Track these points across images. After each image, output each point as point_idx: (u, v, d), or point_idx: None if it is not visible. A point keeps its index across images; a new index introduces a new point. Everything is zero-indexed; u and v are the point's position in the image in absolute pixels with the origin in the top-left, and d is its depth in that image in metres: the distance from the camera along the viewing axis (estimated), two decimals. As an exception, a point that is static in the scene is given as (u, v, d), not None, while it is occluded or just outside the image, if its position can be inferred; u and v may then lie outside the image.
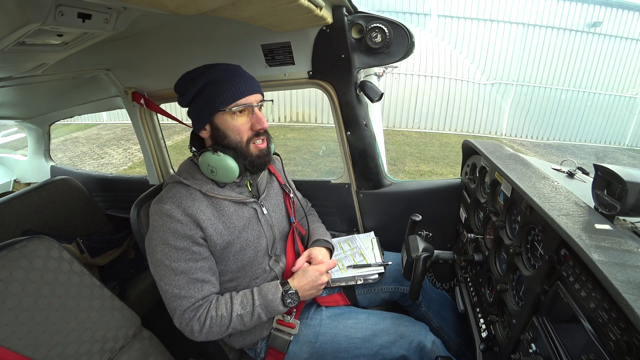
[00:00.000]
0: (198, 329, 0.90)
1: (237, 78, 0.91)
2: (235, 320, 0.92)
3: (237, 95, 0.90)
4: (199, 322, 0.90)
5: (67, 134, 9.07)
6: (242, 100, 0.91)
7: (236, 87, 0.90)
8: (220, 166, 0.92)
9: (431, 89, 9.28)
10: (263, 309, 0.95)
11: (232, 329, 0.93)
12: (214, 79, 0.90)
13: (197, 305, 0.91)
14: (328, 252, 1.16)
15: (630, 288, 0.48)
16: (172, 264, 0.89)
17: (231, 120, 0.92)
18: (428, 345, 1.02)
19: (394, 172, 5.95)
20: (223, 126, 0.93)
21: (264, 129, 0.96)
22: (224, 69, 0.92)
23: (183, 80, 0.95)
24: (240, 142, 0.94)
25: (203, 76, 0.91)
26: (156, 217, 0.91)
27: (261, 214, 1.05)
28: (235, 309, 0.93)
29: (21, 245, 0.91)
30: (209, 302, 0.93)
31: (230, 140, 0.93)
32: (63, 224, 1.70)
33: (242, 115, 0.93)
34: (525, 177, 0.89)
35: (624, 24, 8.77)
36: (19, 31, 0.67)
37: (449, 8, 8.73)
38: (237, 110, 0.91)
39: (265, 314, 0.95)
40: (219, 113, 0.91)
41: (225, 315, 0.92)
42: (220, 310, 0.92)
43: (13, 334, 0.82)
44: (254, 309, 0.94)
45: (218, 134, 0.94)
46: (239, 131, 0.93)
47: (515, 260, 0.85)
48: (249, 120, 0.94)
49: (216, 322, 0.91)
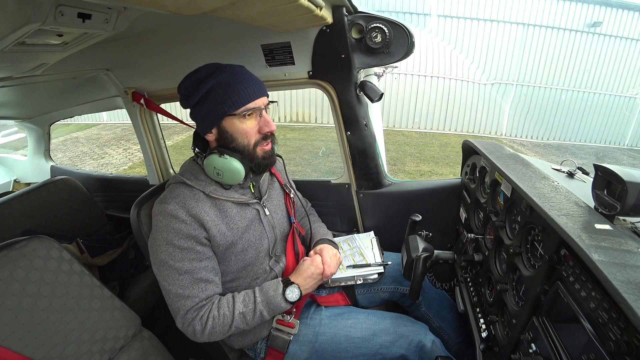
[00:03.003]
0: (200, 329, 0.90)
1: (245, 81, 0.90)
2: (237, 319, 0.92)
3: (246, 99, 0.89)
4: (201, 322, 0.90)
5: (67, 134, 9.07)
6: (251, 104, 0.90)
7: (245, 90, 0.89)
8: (227, 169, 0.91)
9: (431, 89, 9.27)
10: (265, 305, 0.94)
11: (234, 327, 0.92)
12: (222, 82, 0.89)
13: (200, 305, 0.91)
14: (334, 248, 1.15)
15: (630, 288, 0.48)
16: (176, 264, 0.89)
17: (240, 124, 0.91)
18: (428, 345, 1.02)
19: (394, 172, 5.95)
20: (231, 130, 0.92)
21: (272, 131, 0.96)
22: (230, 71, 0.90)
23: (188, 81, 0.92)
24: (247, 145, 0.93)
25: (210, 78, 0.89)
26: (160, 218, 0.90)
27: (263, 215, 1.05)
28: (238, 307, 0.93)
29: (21, 245, 0.91)
30: (212, 302, 0.93)
31: (238, 144, 0.93)
32: (63, 224, 1.70)
33: (251, 118, 0.92)
34: (525, 177, 0.89)
35: (624, 24, 8.76)
36: (19, 31, 0.67)
37: (449, 8, 8.72)
38: (246, 114, 0.90)
39: (267, 311, 0.95)
40: (227, 117, 0.90)
41: (228, 314, 0.91)
42: (223, 310, 0.92)
43: (13, 334, 0.82)
44: (255, 306, 0.94)
45: (226, 137, 0.93)
46: (247, 135, 0.93)
47: (515, 260, 0.85)
48: (257, 124, 0.93)
49: (219, 321, 0.90)
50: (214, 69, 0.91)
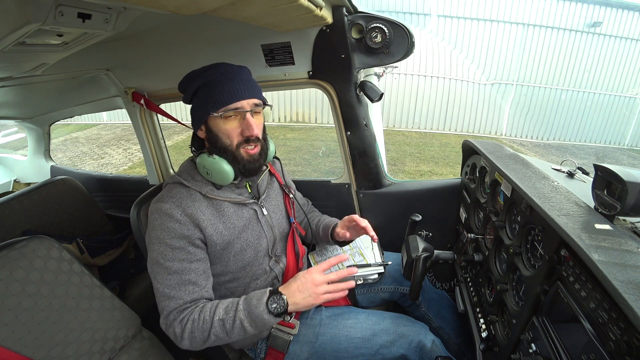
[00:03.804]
0: (180, 332, 0.86)
1: (232, 82, 0.89)
2: (216, 325, 0.85)
3: (228, 100, 0.88)
4: (180, 325, 0.86)
5: (67, 134, 9.07)
6: (232, 105, 0.89)
7: (228, 91, 0.88)
8: (215, 169, 0.92)
9: (431, 89, 9.27)
10: (246, 315, 0.84)
11: (213, 335, 0.85)
12: (209, 81, 0.90)
13: (183, 308, 0.88)
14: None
15: (630, 288, 0.48)
16: (166, 263, 0.88)
17: (222, 125, 0.91)
18: (428, 345, 1.02)
19: (394, 172, 5.95)
20: (215, 129, 0.92)
21: (254, 136, 0.93)
22: (222, 72, 0.91)
23: (185, 78, 0.96)
24: (230, 145, 0.93)
25: (200, 77, 0.91)
26: (155, 216, 0.91)
27: (261, 214, 1.05)
28: (219, 312, 0.86)
29: (21, 245, 0.91)
30: (196, 306, 0.89)
31: (222, 143, 0.93)
32: (63, 224, 1.70)
33: (233, 120, 0.91)
34: (525, 177, 0.89)
35: (624, 24, 8.77)
36: (19, 31, 0.67)
37: (449, 8, 8.72)
38: (226, 115, 0.90)
39: (248, 321, 0.84)
40: (210, 116, 0.91)
41: (207, 319, 0.85)
42: (203, 314, 0.86)
43: (13, 334, 0.82)
44: (236, 314, 0.85)
45: (211, 136, 0.94)
46: (229, 135, 0.92)
47: (515, 260, 0.85)
48: (239, 126, 0.92)
49: (197, 325, 0.85)
50: (207, 68, 0.93)
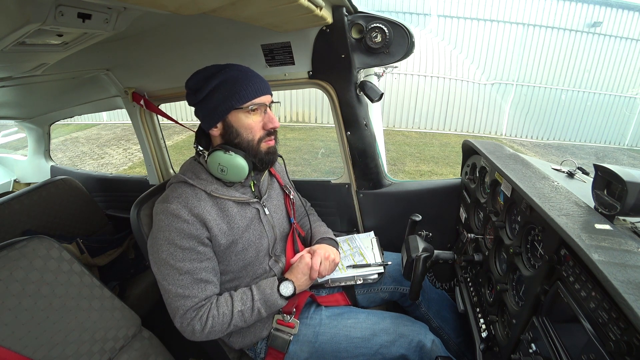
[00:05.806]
0: (200, 329, 0.91)
1: (252, 78, 0.94)
2: (236, 317, 0.94)
3: (253, 94, 0.93)
4: (200, 322, 0.91)
5: (67, 134, 9.07)
6: (257, 100, 0.93)
7: (252, 86, 0.93)
8: (232, 165, 0.93)
9: (431, 89, 9.27)
10: (262, 303, 0.97)
11: (233, 326, 0.94)
12: (230, 77, 0.93)
13: (199, 305, 0.92)
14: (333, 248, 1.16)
15: (630, 288, 0.48)
16: (177, 264, 0.89)
17: (245, 119, 0.94)
18: (428, 345, 1.02)
19: (394, 172, 5.95)
20: (237, 124, 0.94)
21: (276, 127, 0.99)
22: (239, 69, 0.95)
23: (197, 77, 0.96)
24: (252, 140, 0.96)
25: (220, 74, 0.93)
26: (162, 217, 0.91)
27: (263, 214, 1.05)
28: (236, 305, 0.95)
29: (21, 245, 0.91)
30: (210, 302, 0.94)
31: (243, 139, 0.95)
32: (63, 224, 1.70)
33: (256, 114, 0.95)
34: (525, 177, 0.89)
35: (624, 24, 8.76)
36: (19, 31, 0.67)
37: (449, 8, 8.72)
38: (252, 108, 0.93)
39: (264, 308, 0.97)
40: (233, 111, 0.93)
41: (227, 313, 0.93)
42: (222, 309, 0.93)
43: (13, 334, 0.82)
44: (253, 304, 0.96)
45: (231, 132, 0.95)
46: (252, 129, 0.95)
47: (515, 260, 0.85)
48: (261, 120, 0.97)
49: (218, 320, 0.92)
50: (223, 66, 0.96)
